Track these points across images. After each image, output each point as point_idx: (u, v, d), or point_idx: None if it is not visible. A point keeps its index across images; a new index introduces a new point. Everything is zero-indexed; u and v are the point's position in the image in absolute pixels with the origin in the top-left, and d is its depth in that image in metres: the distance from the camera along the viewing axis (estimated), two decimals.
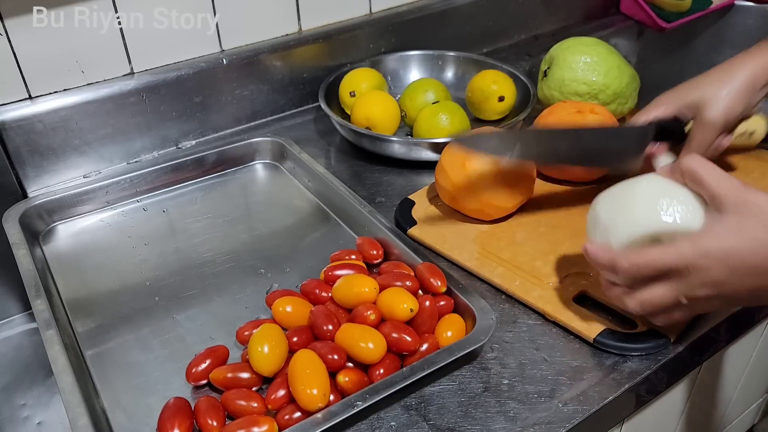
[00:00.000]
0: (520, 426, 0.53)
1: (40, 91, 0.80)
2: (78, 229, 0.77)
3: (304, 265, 0.71)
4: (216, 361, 0.58)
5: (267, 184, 0.86)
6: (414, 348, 0.57)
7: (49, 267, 0.71)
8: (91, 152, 0.84)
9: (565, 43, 0.90)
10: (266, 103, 0.97)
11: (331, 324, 0.58)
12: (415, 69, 1.04)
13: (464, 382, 0.57)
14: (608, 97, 0.87)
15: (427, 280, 0.62)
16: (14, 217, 0.73)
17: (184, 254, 0.73)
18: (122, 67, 0.84)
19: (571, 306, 0.62)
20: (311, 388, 0.52)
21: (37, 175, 0.82)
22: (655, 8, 1.22)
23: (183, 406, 0.53)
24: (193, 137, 0.92)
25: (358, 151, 0.90)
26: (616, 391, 0.56)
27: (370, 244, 0.69)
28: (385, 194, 0.82)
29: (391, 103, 0.89)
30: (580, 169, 0.77)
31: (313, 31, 0.97)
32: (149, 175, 0.82)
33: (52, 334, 0.59)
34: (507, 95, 0.91)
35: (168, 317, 0.65)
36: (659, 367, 0.58)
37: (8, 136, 0.78)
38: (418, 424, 0.54)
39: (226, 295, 0.68)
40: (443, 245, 0.70)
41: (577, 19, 1.26)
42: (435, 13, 1.06)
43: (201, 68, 0.88)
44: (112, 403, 0.57)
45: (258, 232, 0.77)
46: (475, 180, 0.69)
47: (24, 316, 0.81)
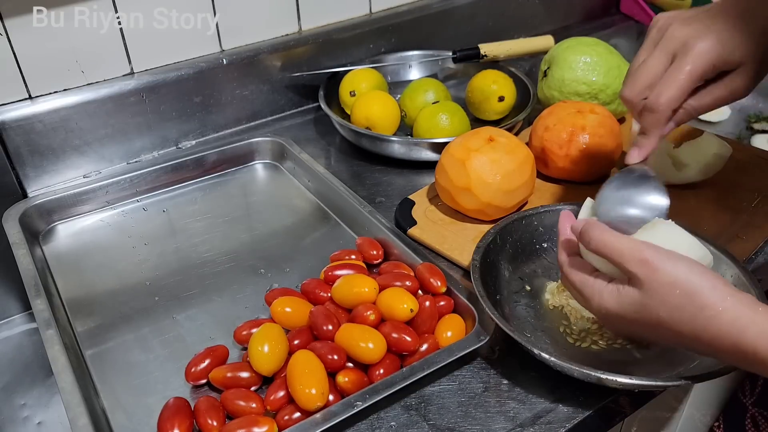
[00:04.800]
0: (520, 426, 0.53)
1: (40, 91, 0.80)
2: (78, 228, 0.77)
3: (304, 265, 0.71)
4: (215, 360, 0.58)
5: (267, 184, 0.86)
6: (414, 348, 0.57)
7: (49, 267, 0.71)
8: (91, 152, 0.84)
9: (565, 43, 0.90)
10: (266, 103, 0.97)
11: (331, 324, 0.58)
12: (415, 69, 1.04)
13: (464, 382, 0.57)
14: (608, 97, 0.87)
15: (427, 281, 0.62)
16: (14, 217, 0.73)
17: (184, 254, 0.73)
18: (122, 67, 0.84)
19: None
20: (310, 387, 0.52)
21: (37, 175, 0.82)
22: (655, 8, 1.22)
23: (183, 406, 0.53)
24: (193, 137, 0.92)
25: (358, 151, 0.90)
26: (616, 389, 0.56)
27: (370, 244, 0.69)
28: (385, 194, 0.82)
29: (391, 103, 0.89)
30: (580, 168, 0.77)
31: (313, 31, 0.97)
32: (149, 175, 0.82)
33: (52, 334, 0.59)
34: (507, 95, 0.91)
35: (168, 317, 0.65)
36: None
37: (8, 136, 0.78)
38: (418, 424, 0.54)
39: (225, 295, 0.68)
40: (443, 245, 0.70)
41: (577, 19, 1.26)
42: (435, 13, 1.06)
43: (201, 68, 0.88)
44: (112, 403, 0.57)
45: (258, 232, 0.77)
46: (475, 180, 0.69)
47: (24, 316, 0.81)
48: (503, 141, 0.72)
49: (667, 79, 0.56)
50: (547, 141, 0.77)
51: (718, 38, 0.55)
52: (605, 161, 0.77)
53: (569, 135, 0.76)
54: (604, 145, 0.76)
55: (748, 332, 0.43)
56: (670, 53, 0.57)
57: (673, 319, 0.46)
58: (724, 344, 0.45)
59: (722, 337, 0.44)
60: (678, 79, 0.56)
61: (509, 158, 0.70)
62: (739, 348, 0.44)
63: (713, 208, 0.74)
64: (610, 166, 0.78)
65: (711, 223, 0.72)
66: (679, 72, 0.56)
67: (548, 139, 0.77)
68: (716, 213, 0.73)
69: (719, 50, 0.55)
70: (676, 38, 0.56)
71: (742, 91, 0.58)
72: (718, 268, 0.60)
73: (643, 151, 0.59)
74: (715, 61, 0.56)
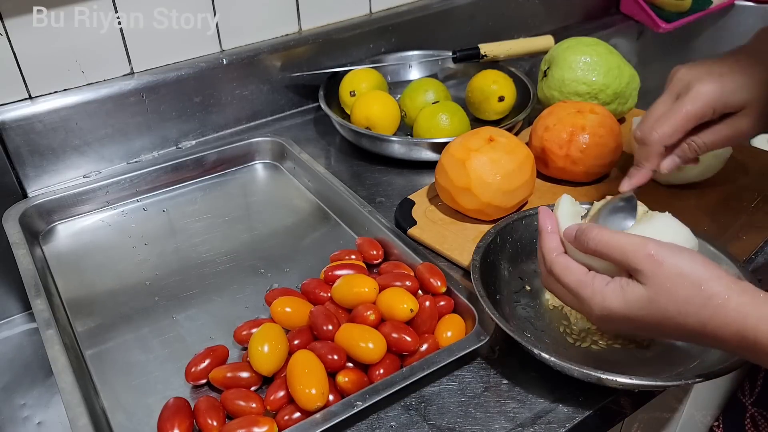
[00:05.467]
0: (520, 426, 0.53)
1: (40, 91, 0.80)
2: (78, 228, 0.77)
3: (304, 265, 0.71)
4: (215, 360, 0.58)
5: (267, 184, 0.86)
6: (414, 348, 0.57)
7: (49, 267, 0.71)
8: (91, 152, 0.84)
9: (565, 43, 0.89)
10: (266, 103, 0.97)
11: (331, 324, 0.58)
12: (415, 69, 1.04)
13: (464, 382, 0.57)
14: (608, 97, 0.87)
15: (427, 281, 0.62)
16: (14, 217, 0.73)
17: (184, 254, 0.73)
18: (122, 67, 0.84)
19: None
20: (309, 387, 0.52)
21: (37, 175, 0.82)
22: (655, 8, 1.22)
23: (183, 406, 0.53)
24: (193, 137, 0.92)
25: (358, 151, 0.90)
26: (616, 389, 0.56)
27: (370, 244, 0.69)
28: (385, 194, 0.82)
29: (391, 103, 0.89)
30: (580, 168, 0.77)
31: (313, 31, 0.97)
32: (149, 175, 0.82)
33: (52, 333, 0.59)
34: (507, 95, 0.91)
35: (168, 317, 0.65)
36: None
37: (8, 136, 0.78)
38: (418, 424, 0.54)
39: (225, 295, 0.68)
40: (443, 245, 0.70)
41: (577, 19, 1.26)
42: (435, 13, 1.06)
43: (201, 68, 0.88)
44: (112, 403, 0.57)
45: (258, 232, 0.77)
46: (475, 180, 0.69)
47: (24, 316, 0.81)
48: (503, 141, 0.72)
49: (664, 117, 0.60)
50: (547, 141, 0.77)
51: (719, 81, 0.58)
52: (605, 161, 0.77)
53: (569, 135, 0.76)
54: (604, 145, 0.76)
55: (750, 319, 0.44)
56: (674, 95, 0.60)
57: (681, 311, 0.47)
58: (727, 332, 0.45)
59: (728, 324, 0.45)
60: (672, 117, 0.59)
61: (509, 158, 0.70)
62: (742, 335, 0.45)
63: (713, 208, 0.74)
64: (610, 166, 0.78)
65: (711, 223, 0.72)
66: (677, 112, 0.59)
67: (548, 139, 0.77)
68: (716, 213, 0.73)
69: (718, 93, 0.58)
70: (682, 81, 0.60)
71: (748, 131, 0.60)
72: None
73: (634, 182, 0.62)
74: (714, 103, 0.58)
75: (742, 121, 0.59)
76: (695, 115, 0.59)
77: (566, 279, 0.53)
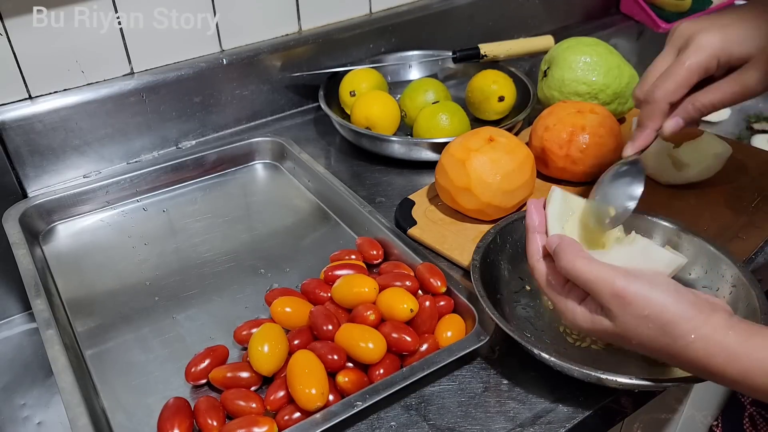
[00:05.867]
0: (520, 426, 0.53)
1: (40, 91, 0.80)
2: (78, 229, 0.77)
3: (304, 265, 0.71)
4: (215, 360, 0.58)
5: (267, 184, 0.86)
6: (414, 348, 0.57)
7: (49, 267, 0.71)
8: (91, 152, 0.84)
9: (565, 43, 0.89)
10: (266, 103, 0.97)
11: (331, 324, 0.58)
12: (415, 69, 1.04)
13: (464, 382, 0.57)
14: (608, 97, 0.87)
15: (427, 281, 0.62)
16: (14, 217, 0.73)
17: (184, 254, 0.73)
18: (122, 67, 0.84)
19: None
20: (309, 387, 0.52)
21: (37, 175, 0.82)
22: (655, 8, 1.22)
23: (183, 406, 0.53)
24: (193, 137, 0.92)
25: (358, 151, 0.90)
26: (616, 389, 0.56)
27: (370, 244, 0.69)
28: (385, 194, 0.82)
29: (391, 103, 0.89)
30: (580, 168, 0.77)
31: (313, 31, 0.97)
32: (149, 175, 0.82)
33: (52, 333, 0.59)
34: (507, 95, 0.91)
35: (168, 317, 0.65)
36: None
37: (8, 136, 0.78)
38: (418, 424, 0.54)
39: (225, 295, 0.68)
40: (443, 245, 0.70)
41: (577, 19, 1.26)
42: (435, 13, 1.06)
43: (201, 68, 0.88)
44: (112, 403, 0.57)
45: (258, 232, 0.77)
46: (475, 180, 0.69)
47: (24, 316, 0.81)
48: (503, 141, 0.72)
49: (666, 73, 0.57)
50: (547, 141, 0.77)
51: (722, 32, 0.55)
52: (605, 161, 0.77)
53: (569, 135, 0.76)
54: (604, 145, 0.76)
55: (717, 358, 0.45)
56: (676, 50, 0.57)
57: (647, 347, 0.48)
58: (695, 367, 0.46)
59: (695, 361, 0.46)
60: (676, 72, 0.56)
61: (509, 158, 0.70)
62: (709, 371, 0.45)
63: (713, 208, 0.74)
64: (610, 166, 0.78)
65: (711, 223, 0.72)
66: (679, 66, 0.56)
67: (548, 139, 0.77)
68: (716, 213, 0.73)
69: (722, 43, 0.55)
70: (682, 35, 0.57)
71: (755, 86, 0.56)
72: (718, 268, 0.60)
73: (637, 144, 0.60)
74: (718, 54, 0.55)
75: (748, 75, 0.55)
76: (699, 68, 0.56)
77: (543, 287, 0.54)
